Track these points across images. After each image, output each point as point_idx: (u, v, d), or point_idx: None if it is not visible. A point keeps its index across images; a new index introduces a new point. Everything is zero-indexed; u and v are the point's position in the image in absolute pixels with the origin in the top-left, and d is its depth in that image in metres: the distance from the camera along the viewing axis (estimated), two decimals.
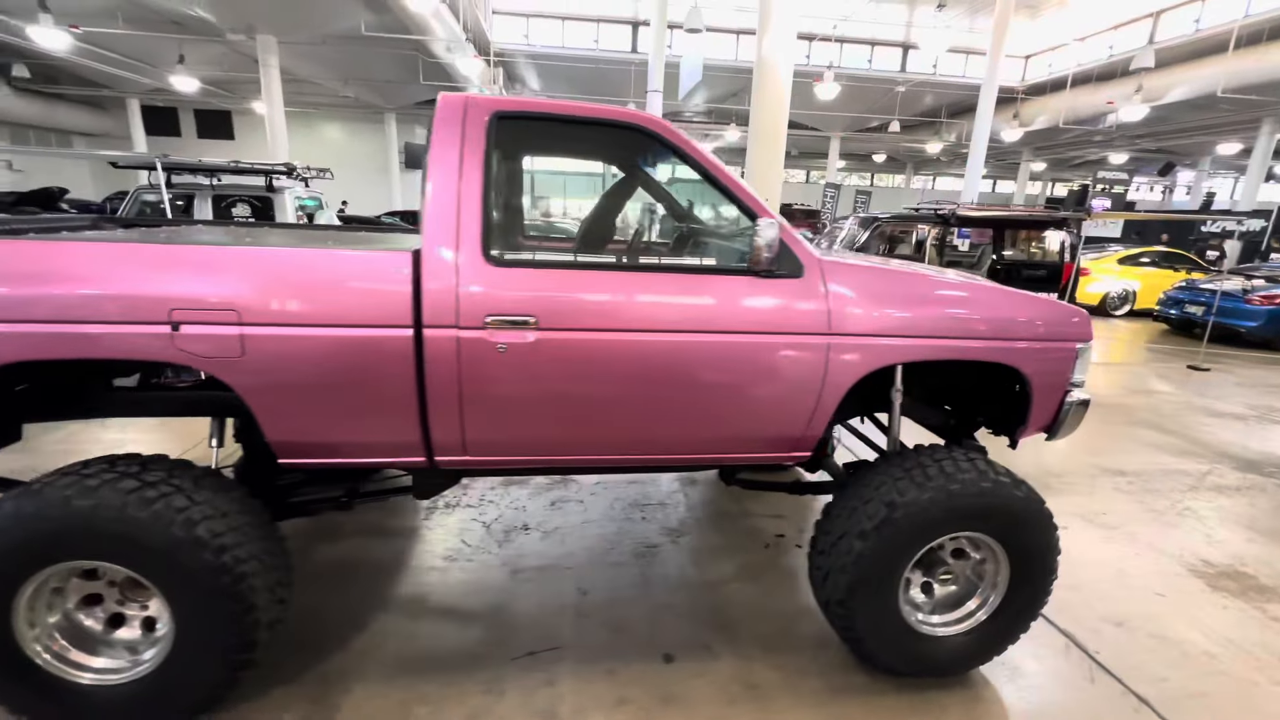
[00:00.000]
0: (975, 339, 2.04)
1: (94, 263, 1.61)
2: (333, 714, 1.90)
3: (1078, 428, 2.32)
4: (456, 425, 1.85)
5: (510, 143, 1.88)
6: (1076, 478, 3.97)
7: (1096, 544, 3.16)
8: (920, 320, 1.99)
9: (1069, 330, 2.15)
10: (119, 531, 1.59)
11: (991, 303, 2.08)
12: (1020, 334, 2.08)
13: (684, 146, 1.87)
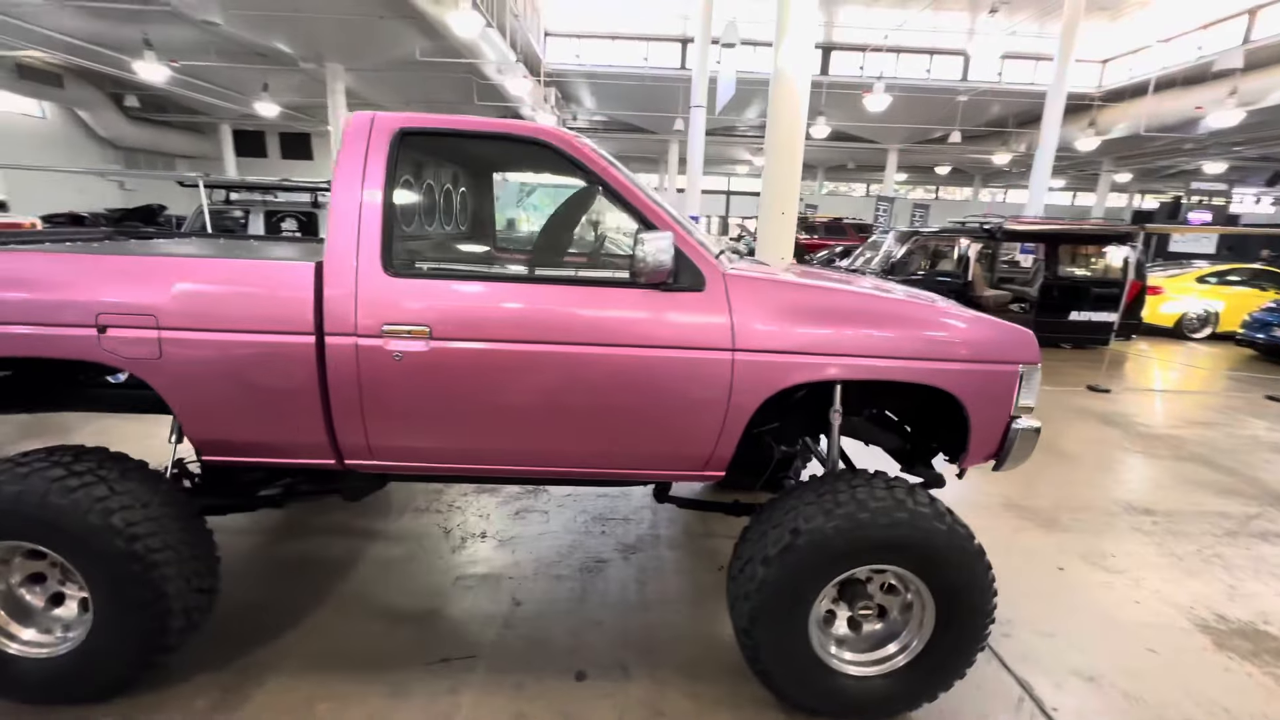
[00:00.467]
0: (897, 359, 1.91)
1: (30, 271, 1.78)
2: (242, 703, 1.98)
3: (1028, 457, 2.12)
4: (360, 429, 1.91)
5: (417, 159, 1.94)
6: (1093, 514, 3.62)
7: (1091, 588, 2.86)
8: (836, 338, 1.88)
9: (1010, 352, 1.98)
10: (40, 516, 1.73)
11: (919, 320, 1.95)
12: (952, 355, 1.93)
13: (581, 158, 1.87)
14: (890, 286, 2.37)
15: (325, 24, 12.13)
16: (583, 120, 25.07)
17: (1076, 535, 3.36)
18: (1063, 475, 4.21)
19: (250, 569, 2.76)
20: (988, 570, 1.88)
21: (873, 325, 1.91)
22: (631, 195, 1.87)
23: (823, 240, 17.27)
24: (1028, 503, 3.74)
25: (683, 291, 1.86)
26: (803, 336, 1.87)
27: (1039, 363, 2.02)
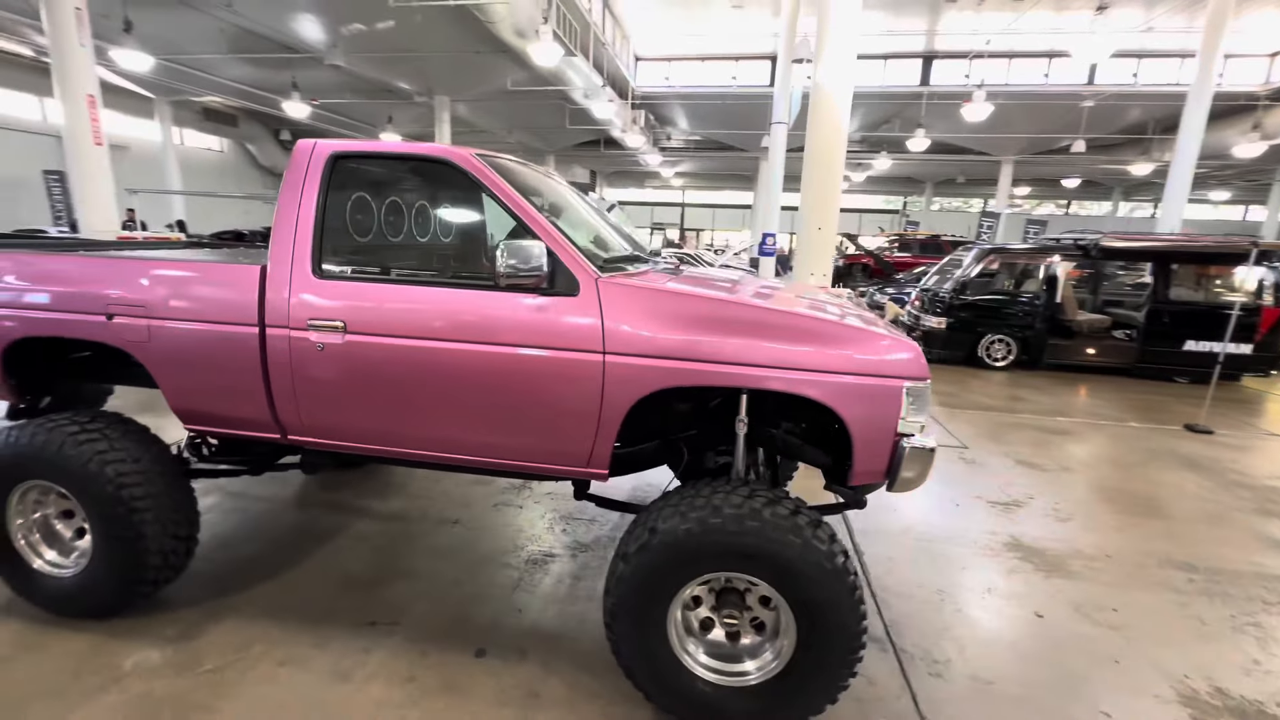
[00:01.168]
0: (767, 367, 1.90)
1: (62, 270, 2.29)
2: (199, 635, 2.35)
3: (924, 479, 2.00)
4: (294, 408, 2.22)
5: (349, 178, 2.23)
6: (1115, 564, 3.21)
7: (1066, 640, 2.56)
8: (703, 344, 1.92)
9: (892, 366, 1.89)
10: (57, 462, 2.20)
11: (797, 330, 1.92)
12: (828, 366, 1.89)
13: (480, 177, 2.07)
14: (802, 299, 2.32)
15: (433, 61, 13.51)
16: (677, 139, 25.56)
17: (1081, 584, 3.00)
18: (1101, 519, 3.74)
19: (253, 531, 3.21)
20: (853, 591, 1.80)
21: (745, 334, 1.92)
22: (518, 209, 2.04)
23: (916, 259, 16.29)
24: (1039, 544, 3.38)
25: (558, 296, 1.99)
26: (670, 342, 1.93)
27: (926, 379, 1.91)
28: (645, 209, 34.97)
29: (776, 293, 2.36)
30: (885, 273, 16.15)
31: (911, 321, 8.94)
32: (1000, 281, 8.92)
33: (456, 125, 20.48)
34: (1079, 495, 4.10)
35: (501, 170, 2.15)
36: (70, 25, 6.92)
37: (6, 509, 2.33)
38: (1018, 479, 4.34)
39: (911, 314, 9.10)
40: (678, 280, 2.19)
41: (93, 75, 7.28)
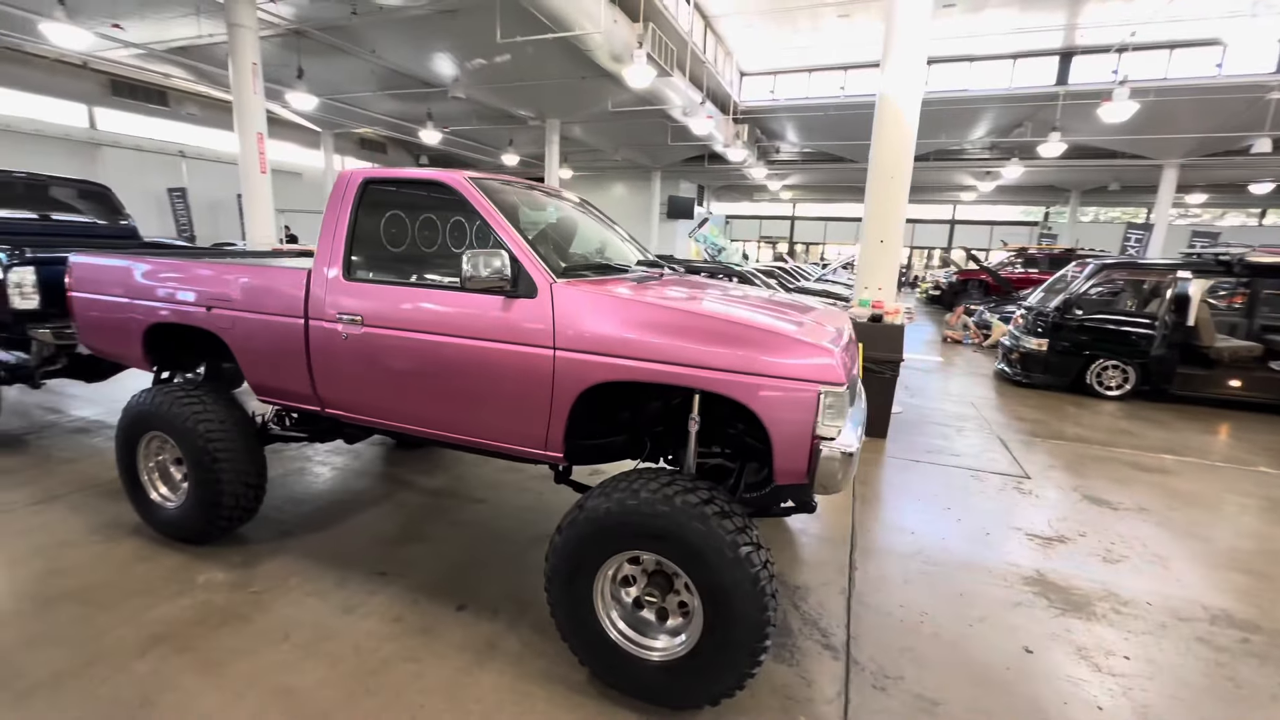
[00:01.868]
0: (691, 367, 2.06)
1: (179, 273, 2.99)
2: (256, 565, 2.93)
3: (846, 483, 2.02)
4: (328, 386, 2.72)
5: (376, 199, 2.69)
6: (1156, 613, 2.87)
7: (1049, 679, 2.38)
8: (633, 343, 2.12)
9: (803, 370, 1.96)
10: (166, 419, 2.89)
11: (717, 334, 2.06)
12: (747, 368, 2.00)
13: (466, 195, 2.44)
14: (763, 308, 2.42)
15: (543, 88, 14.64)
16: (786, 152, 25.20)
17: (1098, 627, 2.74)
18: (1166, 565, 3.32)
19: (320, 492, 3.85)
20: (755, 581, 1.90)
21: (671, 336, 2.09)
22: (493, 222, 2.38)
23: (1045, 275, 14.79)
24: (1067, 582, 3.11)
25: (520, 298, 2.29)
26: (607, 341, 2.15)
27: (841, 384, 1.96)
28: (754, 223, 34.73)
29: (734, 300, 2.48)
30: (1004, 290, 14.80)
31: (1011, 342, 8.21)
32: (1123, 301, 7.93)
33: (571, 145, 21.89)
34: (1146, 538, 3.66)
35: (486, 190, 2.51)
36: (248, 76, 8.51)
37: (136, 453, 3.08)
38: (1075, 515, 3.95)
39: (1012, 334, 8.36)
40: (628, 287, 2.39)
41: (262, 116, 8.87)
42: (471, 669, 2.29)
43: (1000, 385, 8.00)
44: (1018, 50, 16.91)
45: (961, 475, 4.59)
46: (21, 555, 2.94)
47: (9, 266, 3.74)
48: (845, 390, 1.98)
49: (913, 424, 5.94)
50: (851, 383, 2.19)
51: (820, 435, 1.98)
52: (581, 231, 3.19)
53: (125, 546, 3.04)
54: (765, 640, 1.94)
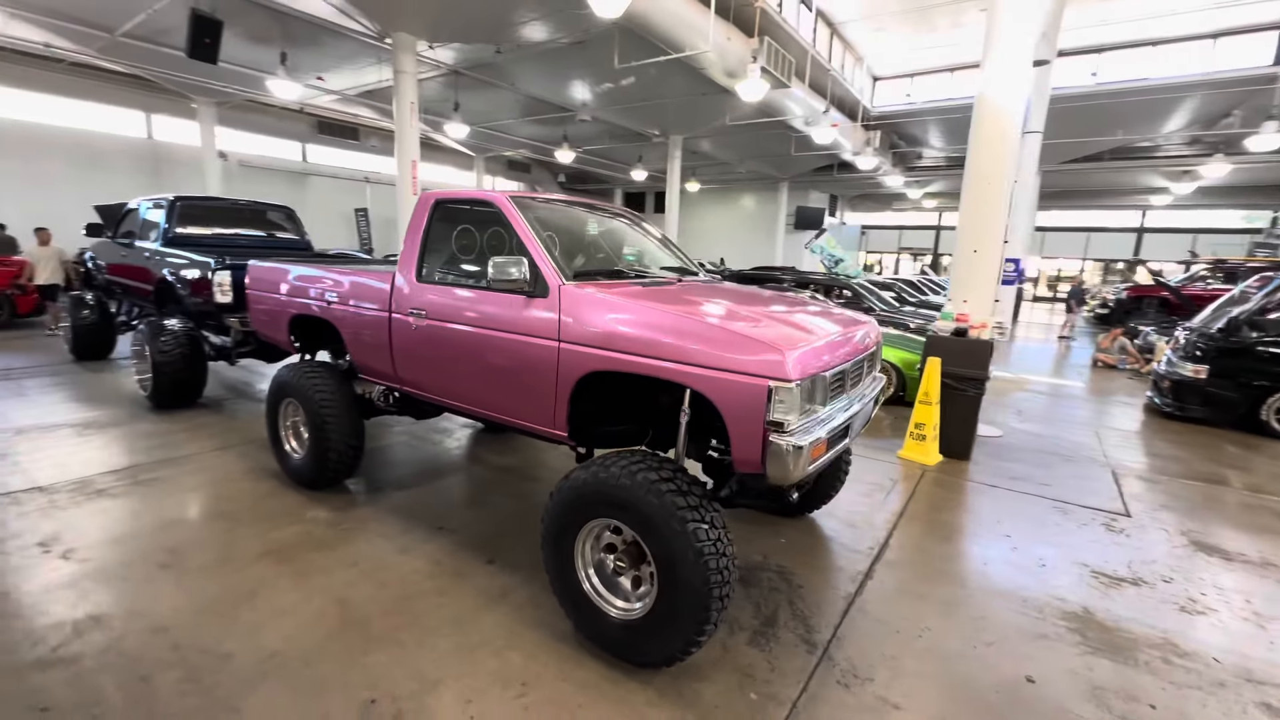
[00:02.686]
0: (664, 360, 2.30)
1: (309, 277, 3.83)
2: (348, 510, 3.64)
3: (799, 474, 2.12)
4: (403, 367, 3.35)
5: (444, 215, 3.24)
6: (1216, 672, 2.51)
7: (1042, 711, 2.24)
8: (618, 337, 2.41)
9: (755, 366, 2.11)
10: (294, 386, 3.72)
11: (683, 332, 2.28)
12: (705, 362, 2.20)
13: (504, 212, 2.90)
14: (742, 310, 2.58)
15: (665, 106, 15.27)
16: (929, 159, 23.53)
17: (1133, 673, 2.48)
18: (1265, 627, 2.85)
19: (414, 461, 4.58)
20: (699, 554, 2.09)
21: (646, 332, 2.36)
22: (523, 235, 2.81)
23: (1219, 289, 12.50)
24: (1117, 623, 2.81)
25: (536, 297, 2.69)
26: (599, 335, 2.47)
27: (790, 380, 2.08)
28: (894, 233, 32.65)
29: (719, 304, 2.66)
30: (1187, 309, 12.59)
31: (1165, 368, 7.08)
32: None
33: (698, 159, 22.42)
34: (1254, 595, 3.14)
35: (521, 206, 2.96)
36: (406, 113, 10.06)
37: (278, 415, 3.97)
38: (1170, 560, 3.48)
39: (1167, 358, 7.21)
40: (627, 291, 2.67)
41: (416, 145, 10.41)
42: (481, 609, 2.72)
43: (1147, 417, 6.96)
44: (1219, 28, 14.35)
45: (1042, 505, 4.20)
46: (198, 485, 3.94)
47: (215, 270, 4.96)
48: (796, 387, 2.10)
49: (1010, 449, 5.46)
50: (817, 381, 2.28)
51: (772, 426, 2.12)
52: (618, 241, 3.54)
53: (264, 485, 3.94)
54: (708, 611, 2.12)
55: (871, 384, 2.99)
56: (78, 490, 3.73)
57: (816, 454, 2.21)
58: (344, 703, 2.12)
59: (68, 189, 14.53)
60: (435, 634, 2.52)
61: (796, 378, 2.11)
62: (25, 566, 2.88)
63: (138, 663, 2.27)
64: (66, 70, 14.15)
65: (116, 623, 2.49)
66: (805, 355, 2.21)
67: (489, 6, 9.78)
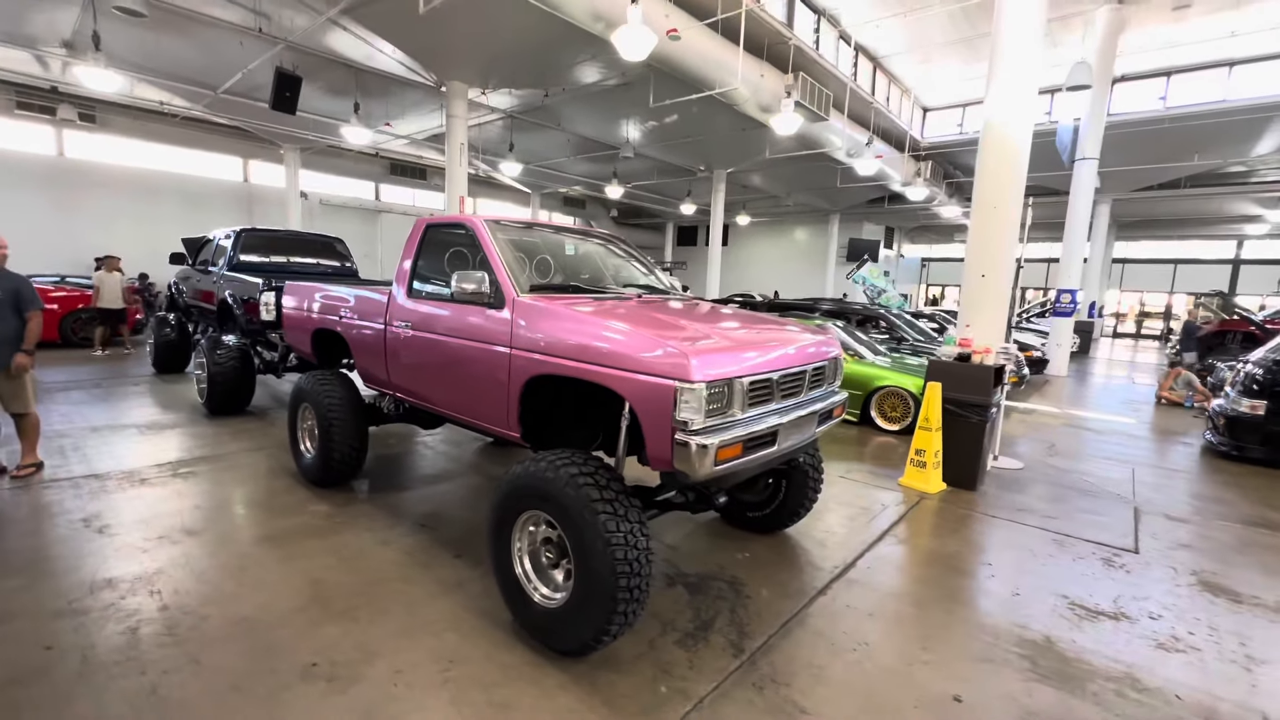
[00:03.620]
0: (591, 363, 2.48)
1: (329, 296, 4.28)
2: (346, 505, 3.97)
3: (705, 471, 2.22)
4: (395, 374, 3.68)
5: (433, 236, 3.58)
6: (1176, 710, 2.36)
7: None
8: (556, 344, 2.62)
9: (663, 368, 2.25)
10: (310, 395, 4.13)
11: (605, 338, 2.46)
12: (622, 365, 2.37)
13: (476, 234, 3.21)
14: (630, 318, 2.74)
15: (706, 142, 15.69)
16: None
17: (1075, 701, 2.36)
18: (1245, 669, 2.63)
19: (418, 466, 4.91)
20: (608, 545, 2.23)
21: (578, 338, 2.56)
22: (489, 252, 3.10)
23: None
24: (1079, 655, 2.67)
25: (495, 309, 2.95)
26: (541, 342, 2.69)
27: (693, 382, 2.20)
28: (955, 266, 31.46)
29: (648, 314, 2.82)
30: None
31: (1223, 405, 6.53)
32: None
33: (749, 192, 22.71)
34: (1252, 638, 2.89)
35: (494, 229, 3.26)
36: (456, 153, 10.89)
37: (297, 419, 4.40)
38: (1166, 598, 3.25)
39: (1226, 393, 6.66)
40: (570, 303, 2.88)
41: (464, 182, 11.21)
42: (436, 596, 2.92)
43: (1202, 457, 6.42)
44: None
45: (1040, 538, 4.01)
46: (226, 479, 4.40)
47: (262, 291, 5.58)
48: (703, 388, 2.23)
49: (1026, 481, 5.21)
50: (732, 385, 2.38)
51: (679, 425, 2.25)
52: (592, 263, 3.79)
53: (281, 482, 4.35)
54: (615, 601, 2.24)
55: (823, 398, 3.04)
56: (125, 479, 4.26)
57: (727, 455, 2.32)
58: (290, 664, 2.37)
59: (174, 226, 16.47)
60: (387, 614, 2.74)
61: (701, 380, 2.25)
62: (68, 537, 3.35)
63: (131, 617, 2.61)
64: (178, 124, 16.20)
65: (124, 585, 2.87)
66: (714, 360, 2.34)
67: (530, 55, 10.55)
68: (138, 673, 2.27)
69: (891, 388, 6.83)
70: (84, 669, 2.28)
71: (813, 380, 2.98)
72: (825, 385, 3.13)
